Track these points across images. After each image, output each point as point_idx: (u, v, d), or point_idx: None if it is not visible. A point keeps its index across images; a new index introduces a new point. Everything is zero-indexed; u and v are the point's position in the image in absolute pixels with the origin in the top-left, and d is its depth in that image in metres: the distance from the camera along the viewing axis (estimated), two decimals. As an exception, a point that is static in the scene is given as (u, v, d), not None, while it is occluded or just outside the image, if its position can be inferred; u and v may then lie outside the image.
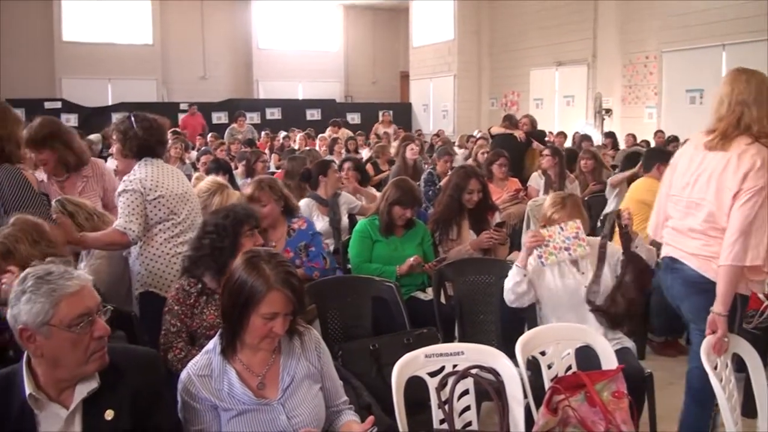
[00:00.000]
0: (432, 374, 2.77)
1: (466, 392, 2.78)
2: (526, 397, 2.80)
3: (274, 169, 9.42)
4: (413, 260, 4.43)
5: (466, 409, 2.78)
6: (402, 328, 3.83)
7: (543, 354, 3.01)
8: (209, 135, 13.87)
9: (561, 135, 13.77)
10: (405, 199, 4.57)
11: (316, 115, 20.92)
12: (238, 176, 7.65)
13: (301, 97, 23.18)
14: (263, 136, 14.82)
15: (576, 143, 12.62)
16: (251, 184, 4.65)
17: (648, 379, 3.56)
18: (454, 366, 2.79)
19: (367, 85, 24.92)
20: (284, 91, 22.51)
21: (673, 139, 11.52)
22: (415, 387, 2.73)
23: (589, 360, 3.06)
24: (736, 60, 11.85)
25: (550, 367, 3.00)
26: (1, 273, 2.59)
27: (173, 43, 21.79)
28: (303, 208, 5.32)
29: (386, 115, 17.44)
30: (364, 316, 3.94)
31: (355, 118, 21.22)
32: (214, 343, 2.47)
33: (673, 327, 5.25)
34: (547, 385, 2.86)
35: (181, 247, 3.82)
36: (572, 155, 8.98)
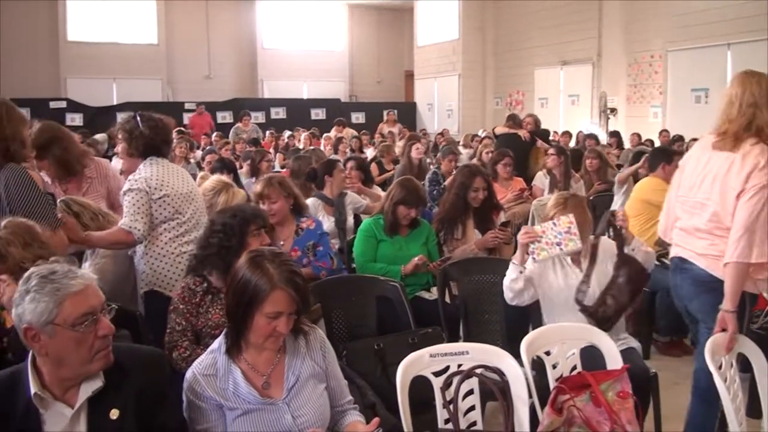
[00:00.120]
0: (437, 374, 2.77)
1: (470, 392, 2.77)
2: (530, 397, 2.80)
3: (279, 169, 9.42)
4: (418, 260, 4.43)
5: (471, 408, 2.77)
6: (407, 328, 3.83)
7: (548, 354, 3.01)
8: (214, 134, 13.90)
9: (566, 134, 13.74)
10: (410, 199, 4.57)
11: (320, 114, 20.94)
12: (243, 175, 7.65)
13: (305, 96, 23.20)
14: (268, 136, 14.84)
15: (580, 142, 12.61)
16: (261, 181, 4.65)
17: (653, 379, 3.55)
18: (459, 366, 2.79)
19: (372, 85, 24.92)
20: (289, 91, 22.53)
21: (678, 139, 11.47)
22: (420, 386, 2.73)
23: (594, 360, 3.05)
24: (741, 59, 11.88)
25: (555, 366, 2.99)
26: None
27: (178, 43, 21.81)
28: (309, 207, 5.31)
29: (391, 115, 17.42)
30: (369, 316, 3.94)
31: (359, 117, 21.22)
32: (219, 343, 2.48)
33: (679, 327, 5.23)
34: (552, 385, 2.86)
35: (186, 247, 3.83)
36: (577, 155, 8.97)
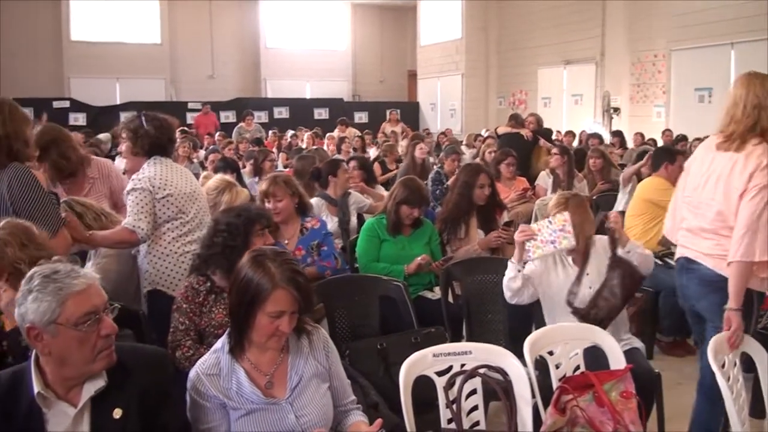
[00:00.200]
0: (440, 373, 2.76)
1: (473, 392, 2.77)
2: (534, 396, 2.79)
3: (282, 168, 9.43)
4: (421, 259, 4.43)
5: (474, 408, 2.77)
6: (409, 328, 3.83)
7: (551, 354, 3.01)
8: (217, 134, 13.91)
9: (569, 134, 13.74)
10: (413, 198, 4.57)
11: (323, 114, 20.94)
12: (246, 175, 7.66)
13: (308, 96, 23.20)
14: (271, 135, 14.85)
15: (583, 142, 12.60)
16: (267, 179, 4.65)
17: (656, 380, 3.54)
18: (462, 365, 2.79)
19: (375, 84, 24.92)
20: (292, 90, 22.54)
21: (682, 138, 11.45)
22: (423, 386, 2.72)
23: (597, 360, 3.05)
24: (744, 59, 11.86)
25: (558, 366, 2.99)
26: None
27: (181, 43, 21.84)
28: (313, 207, 5.31)
29: (393, 114, 17.44)
30: (372, 315, 3.94)
31: (362, 117, 21.22)
32: (223, 342, 2.48)
33: (682, 327, 5.22)
34: (555, 384, 2.85)
35: (190, 246, 3.84)
36: (580, 154, 8.96)
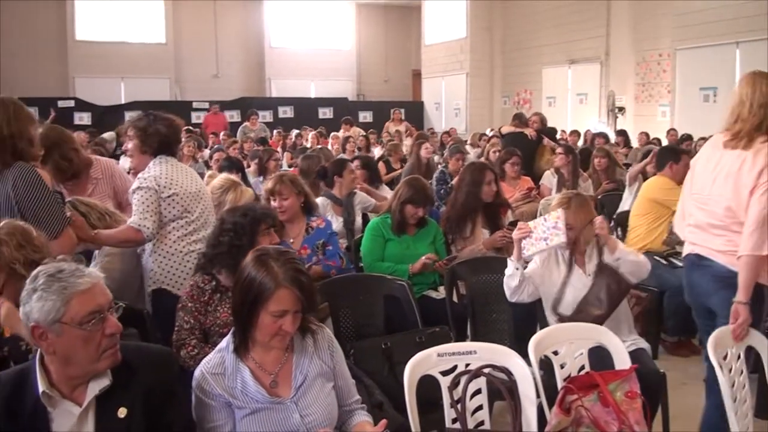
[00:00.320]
0: (444, 373, 2.76)
1: (478, 391, 2.76)
2: (538, 396, 2.79)
3: (287, 168, 9.43)
4: (426, 258, 4.43)
5: (479, 408, 2.77)
6: (414, 327, 3.83)
7: (556, 353, 3.00)
8: (222, 133, 13.92)
9: (574, 134, 13.71)
10: (417, 198, 4.57)
11: (328, 113, 20.93)
12: (251, 174, 7.67)
13: (313, 95, 23.19)
14: (275, 135, 14.85)
15: (588, 141, 12.57)
16: (273, 178, 4.67)
17: (662, 380, 3.54)
18: (467, 365, 2.78)
19: (379, 84, 24.90)
20: (296, 90, 22.55)
21: (687, 138, 11.41)
22: (428, 386, 2.72)
23: (602, 360, 3.04)
24: (749, 58, 11.81)
25: (563, 366, 2.98)
26: None
27: (186, 42, 21.86)
28: (318, 206, 5.32)
29: (397, 113, 17.36)
30: (377, 315, 3.94)
31: (367, 116, 21.22)
32: (227, 342, 2.48)
33: (687, 327, 5.22)
34: (560, 384, 2.85)
35: (195, 245, 3.84)
36: (586, 154, 8.95)
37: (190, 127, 13.44)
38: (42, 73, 19.49)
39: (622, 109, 15.60)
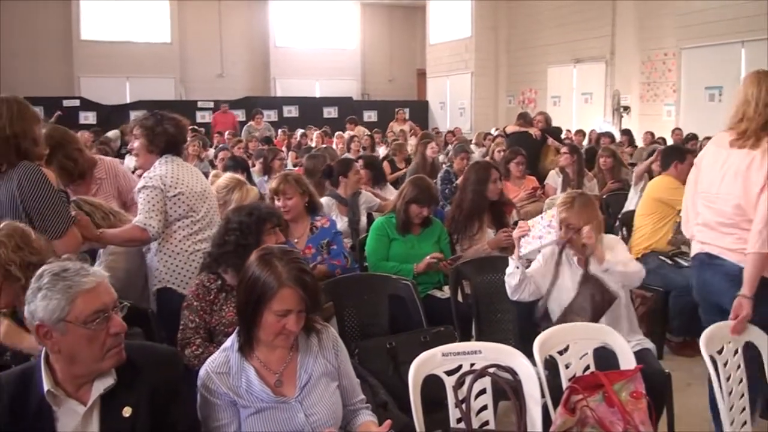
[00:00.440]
0: (449, 373, 2.75)
1: (483, 391, 2.76)
2: (543, 396, 2.78)
3: (291, 167, 9.44)
4: (431, 258, 4.42)
5: (483, 408, 2.76)
6: (419, 326, 3.82)
7: (561, 353, 2.99)
8: (226, 133, 13.93)
9: (579, 133, 13.69)
10: (422, 197, 4.57)
11: (333, 112, 20.95)
12: (256, 174, 7.68)
13: (318, 94, 23.19)
14: (280, 134, 14.87)
15: (593, 141, 12.55)
16: (277, 177, 4.67)
17: (667, 380, 3.53)
18: (472, 365, 2.78)
19: (384, 83, 24.89)
20: (301, 89, 22.54)
21: (692, 137, 11.39)
22: (432, 385, 2.71)
23: (607, 360, 3.03)
24: (754, 57, 11.78)
25: (568, 366, 2.97)
26: None
27: (191, 42, 21.88)
28: (323, 206, 5.32)
29: (401, 113, 17.34)
30: (381, 314, 3.94)
31: (371, 115, 21.22)
32: (232, 341, 2.48)
33: (692, 327, 5.19)
34: (565, 384, 2.84)
35: (200, 245, 3.85)
36: (591, 153, 8.94)
37: (195, 127, 13.46)
38: (47, 72, 19.53)
39: (627, 109, 15.57)
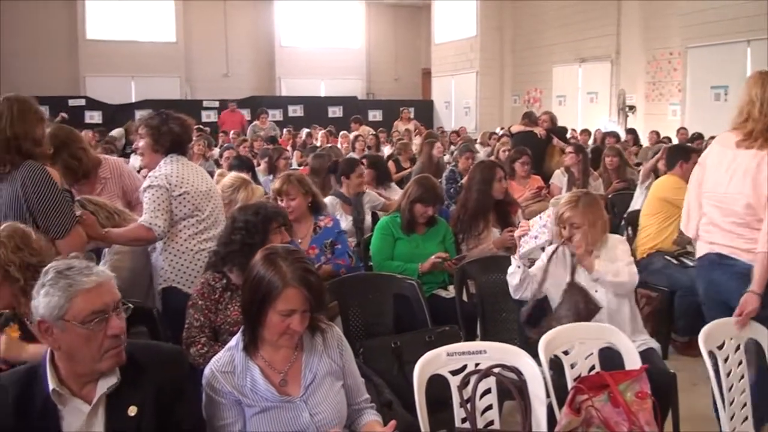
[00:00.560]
0: (454, 372, 2.75)
1: (488, 391, 2.76)
2: (548, 396, 2.78)
3: (296, 166, 9.44)
4: (436, 257, 4.42)
5: (488, 408, 2.76)
6: (423, 326, 3.82)
7: (566, 353, 2.99)
8: (231, 132, 13.94)
9: (585, 133, 13.67)
10: (427, 197, 4.56)
11: (338, 112, 20.94)
12: (260, 173, 7.66)
13: (323, 94, 23.21)
14: (285, 133, 14.86)
15: (598, 140, 12.53)
16: (280, 178, 4.67)
17: (672, 380, 3.52)
18: (477, 364, 2.78)
19: (389, 82, 24.88)
20: (306, 89, 22.57)
21: (698, 137, 11.35)
22: (437, 385, 2.71)
23: (612, 360, 3.03)
24: (760, 56, 11.75)
25: (573, 366, 2.97)
26: None
27: (196, 41, 21.92)
28: (327, 206, 5.32)
29: (406, 112, 17.29)
30: (386, 314, 3.94)
31: (376, 115, 21.22)
32: (237, 340, 2.48)
33: (697, 327, 5.16)
34: (570, 384, 2.84)
35: (205, 244, 3.85)
36: (597, 153, 8.92)
37: (200, 126, 13.48)
38: (53, 72, 19.58)
39: (632, 108, 15.54)
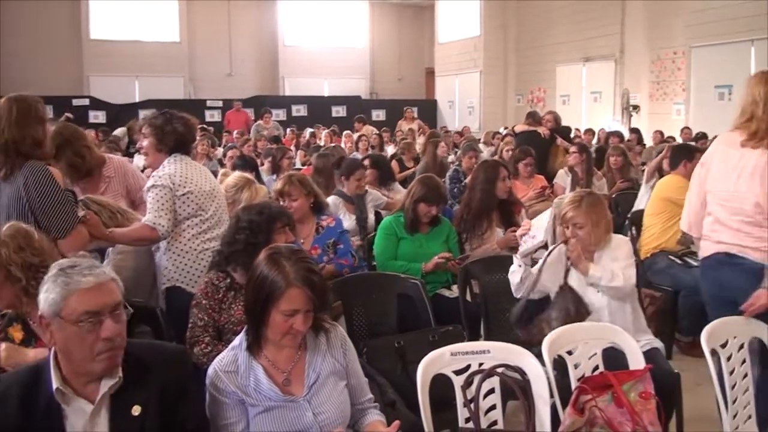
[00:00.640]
0: (457, 372, 2.75)
1: (491, 391, 2.75)
2: (552, 396, 2.78)
3: (300, 166, 9.45)
4: (440, 257, 4.42)
5: (492, 407, 2.76)
6: (427, 326, 3.82)
7: (570, 353, 2.99)
8: (235, 132, 13.95)
9: (589, 132, 13.65)
10: (430, 196, 4.56)
11: (341, 111, 20.93)
12: (264, 173, 7.67)
13: (326, 93, 23.20)
14: (289, 133, 14.88)
15: (602, 140, 12.51)
16: (281, 179, 4.67)
17: (676, 380, 3.51)
18: (480, 364, 2.77)
19: (393, 82, 24.86)
20: (310, 88, 22.56)
21: (702, 136, 11.33)
22: (441, 385, 2.71)
23: (616, 360, 3.02)
24: (764, 56, 11.74)
25: (577, 366, 2.97)
26: None
27: (200, 41, 21.92)
28: (330, 205, 5.32)
29: (409, 112, 17.23)
30: (390, 313, 3.94)
31: (380, 114, 21.20)
32: (240, 339, 2.49)
33: (702, 327, 5.16)
34: (574, 384, 2.84)
35: (209, 243, 3.86)
36: (601, 152, 8.92)
37: (204, 126, 13.50)
38: (56, 72, 19.59)
39: (636, 108, 15.51)
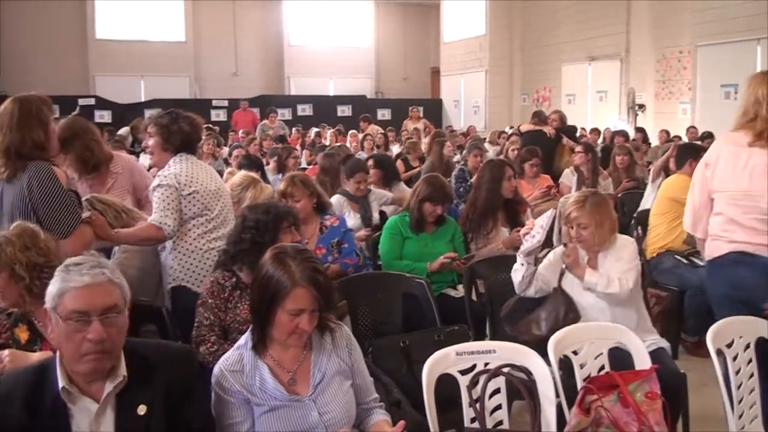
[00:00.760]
0: (463, 372, 2.75)
1: (497, 391, 2.75)
2: (558, 396, 2.77)
3: (306, 165, 9.45)
4: (445, 257, 4.41)
5: (497, 407, 2.75)
6: (432, 325, 3.82)
7: (576, 353, 2.98)
8: (240, 131, 13.97)
9: (594, 131, 13.63)
10: (436, 196, 4.56)
11: (346, 111, 20.94)
12: (270, 172, 7.67)
13: (332, 93, 23.25)
14: (294, 132, 14.89)
15: (607, 139, 12.49)
16: (285, 180, 4.67)
17: (682, 380, 3.50)
18: (486, 364, 2.77)
19: (398, 81, 24.88)
20: (315, 88, 22.60)
21: (708, 135, 11.28)
22: (446, 384, 2.71)
23: (622, 360, 3.01)
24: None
25: (583, 366, 2.96)
26: None
27: (205, 41, 21.99)
28: (334, 204, 5.31)
29: (415, 111, 17.19)
30: (395, 313, 3.94)
31: (385, 114, 21.21)
32: (246, 339, 2.49)
33: (707, 327, 5.15)
34: (580, 384, 2.83)
35: (214, 243, 3.86)
36: (606, 152, 8.90)
37: (210, 125, 13.51)
38: (62, 71, 19.67)
39: (642, 107, 15.48)
